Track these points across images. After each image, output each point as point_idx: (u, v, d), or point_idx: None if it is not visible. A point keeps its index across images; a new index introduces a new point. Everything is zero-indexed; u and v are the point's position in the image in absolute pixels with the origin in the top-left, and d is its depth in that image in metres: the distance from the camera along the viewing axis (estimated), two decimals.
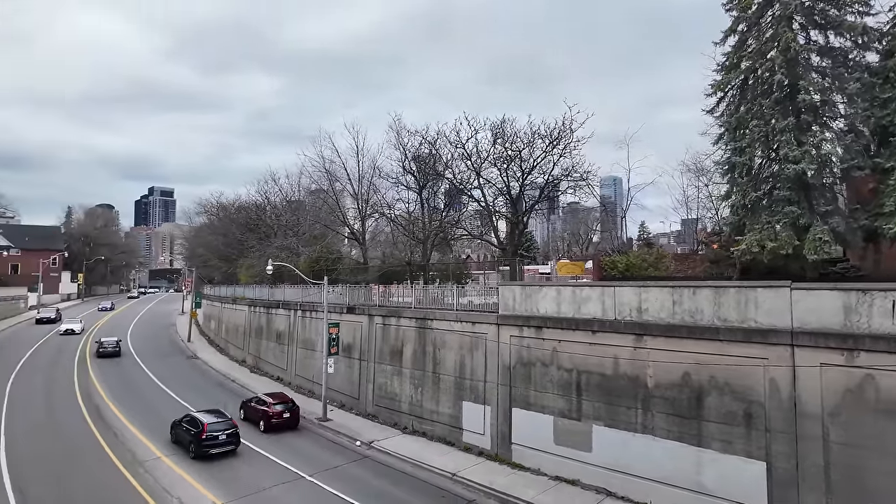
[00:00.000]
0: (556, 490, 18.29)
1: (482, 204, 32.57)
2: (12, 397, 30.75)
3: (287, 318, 37.50)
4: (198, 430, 21.46)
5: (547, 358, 20.06)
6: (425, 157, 34.23)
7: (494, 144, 30.53)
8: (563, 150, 29.31)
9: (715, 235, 26.03)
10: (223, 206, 69.32)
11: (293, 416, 25.63)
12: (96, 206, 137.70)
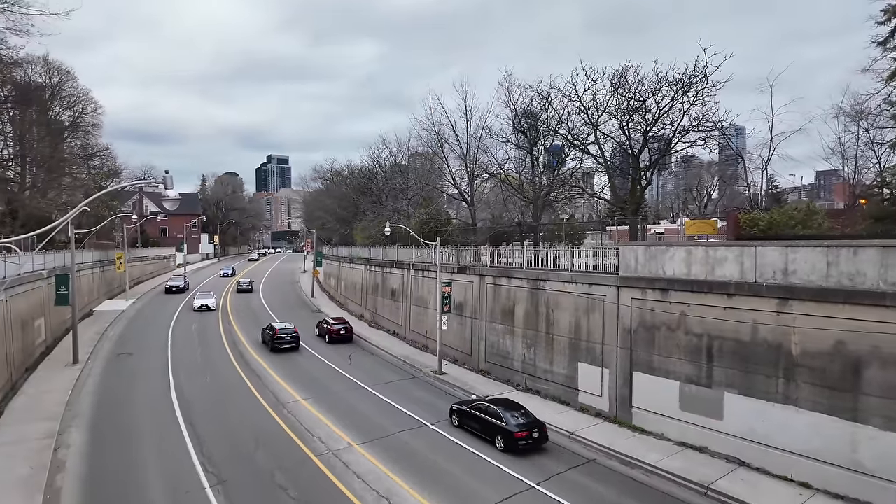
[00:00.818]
0: (683, 456, 17.70)
1: (599, 160, 31.03)
2: (174, 349, 35.52)
3: (400, 276, 39.19)
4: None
5: (673, 322, 19.11)
6: (537, 113, 33.17)
7: (614, 94, 28.60)
8: (694, 97, 26.71)
9: (876, 188, 22.59)
10: (337, 172, 73.16)
11: None
12: (224, 174, 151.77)
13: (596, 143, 30.19)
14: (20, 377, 25.21)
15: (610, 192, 32.57)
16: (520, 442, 17.97)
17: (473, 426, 19.71)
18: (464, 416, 20.32)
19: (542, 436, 18.45)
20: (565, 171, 33.64)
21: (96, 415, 21.41)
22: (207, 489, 15.29)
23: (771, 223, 19.71)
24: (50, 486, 15.16)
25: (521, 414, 18.92)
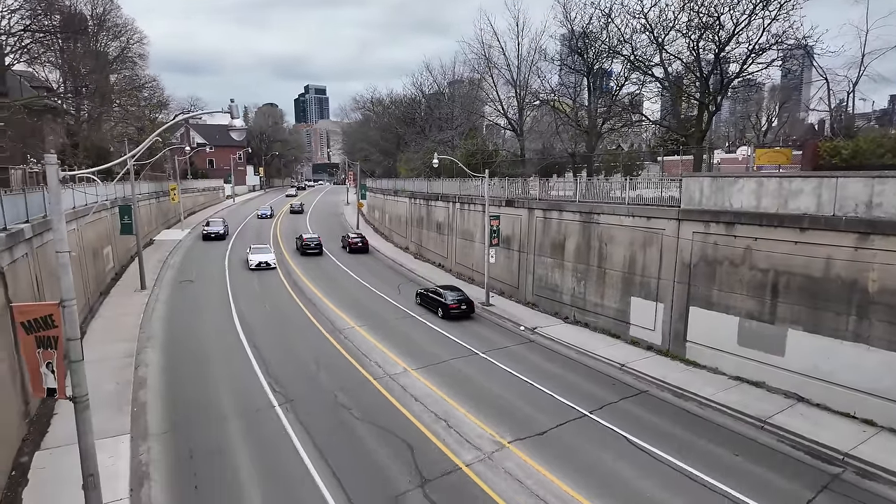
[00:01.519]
0: (739, 390, 17.59)
1: (664, 83, 28.92)
2: (232, 278, 37.02)
3: (445, 210, 39.02)
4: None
5: (738, 257, 18.39)
6: (596, 32, 30.83)
7: (684, 9, 26.06)
8: (776, 10, 24.00)
9: None
10: (378, 101, 71.73)
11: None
12: (264, 105, 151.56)
13: (661, 64, 28.01)
14: (96, 301, 27.00)
15: (674, 119, 30.55)
16: (452, 310, 26.13)
17: (427, 303, 28.16)
18: (422, 297, 28.92)
19: (469, 308, 26.68)
20: (624, 97, 31.64)
21: (168, 337, 22.87)
22: (277, 407, 16.31)
23: (856, 152, 18.17)
24: (135, 401, 16.50)
25: (457, 294, 26.99)
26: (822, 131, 73.16)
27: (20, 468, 12.54)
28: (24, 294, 15.39)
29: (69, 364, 8.91)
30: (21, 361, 14.29)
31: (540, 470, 13.15)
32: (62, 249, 8.53)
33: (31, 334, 8.68)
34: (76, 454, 12.89)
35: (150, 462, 13.19)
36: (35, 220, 17.89)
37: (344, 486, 12.39)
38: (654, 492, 12.27)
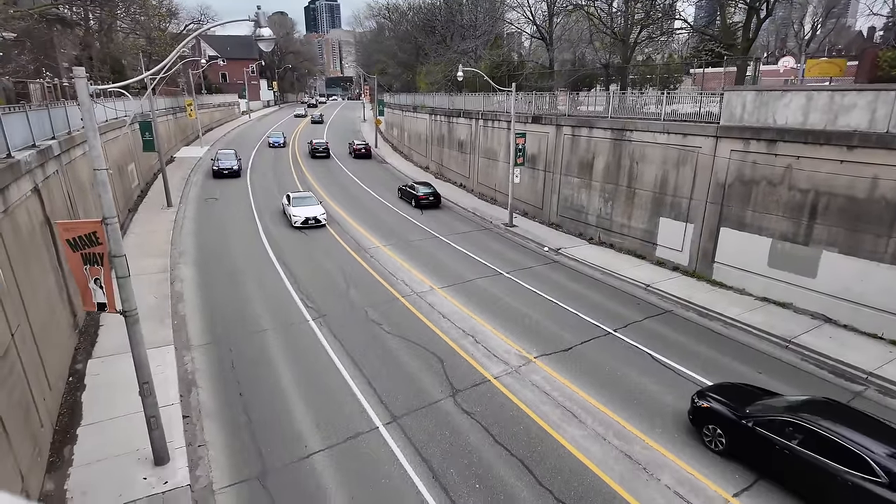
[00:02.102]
0: (764, 311, 17.65)
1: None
2: (255, 195, 37.10)
3: (468, 127, 37.86)
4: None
5: (777, 176, 17.71)
6: None
7: None
8: None
9: None
10: (395, 8, 67.64)
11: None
12: (274, 14, 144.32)
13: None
14: (126, 218, 27.48)
15: (718, 27, 28.26)
16: (421, 201, 32.50)
17: (404, 197, 34.43)
18: (400, 191, 35.27)
19: (437, 200, 33.09)
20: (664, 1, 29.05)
21: (199, 253, 23.40)
22: (310, 321, 16.90)
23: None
24: (175, 314, 17.20)
25: (427, 188, 33.45)
26: (871, 39, 67.62)
27: (76, 374, 13.37)
28: (59, 211, 15.65)
29: (117, 280, 9.15)
30: (66, 275, 14.82)
31: (566, 383, 13.63)
32: (100, 167, 8.47)
33: (77, 252, 8.86)
34: (125, 362, 13.64)
35: (195, 371, 13.95)
36: (61, 137, 17.79)
37: (379, 394, 13.04)
38: (677, 405, 12.70)
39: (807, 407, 10.12)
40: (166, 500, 9.42)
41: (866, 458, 8.46)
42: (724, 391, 11.59)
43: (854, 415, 9.93)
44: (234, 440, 11.26)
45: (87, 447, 10.72)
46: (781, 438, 9.65)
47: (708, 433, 11.07)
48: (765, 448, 9.92)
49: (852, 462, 8.59)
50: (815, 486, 9.21)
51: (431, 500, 9.74)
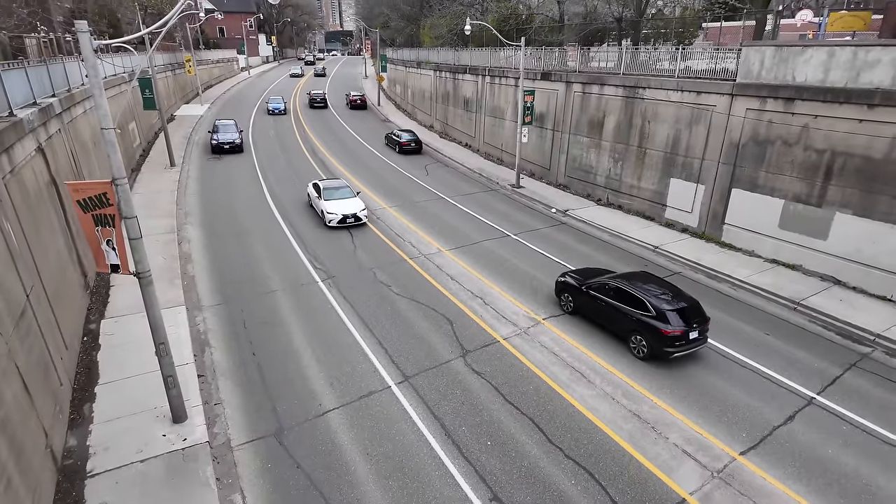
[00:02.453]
0: (774, 272, 17.62)
1: None
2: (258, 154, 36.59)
3: (474, 84, 36.92)
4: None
5: (793, 136, 17.32)
6: None
7: None
8: None
9: None
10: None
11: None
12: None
13: None
14: (129, 178, 27.24)
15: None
16: (404, 147, 35.96)
17: (390, 145, 37.91)
18: (387, 138, 38.94)
19: (418, 146, 36.48)
20: None
21: (204, 214, 23.28)
22: (320, 283, 16.95)
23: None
24: (185, 274, 17.24)
25: (410, 136, 36.68)
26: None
27: (90, 334, 13.53)
28: (64, 170, 15.46)
29: (129, 241, 9.10)
30: (74, 235, 14.79)
31: (574, 344, 13.75)
32: (108, 126, 8.27)
33: (88, 213, 8.76)
34: (138, 322, 13.78)
35: (207, 331, 14.09)
36: (61, 95, 17.39)
37: (390, 354, 13.19)
38: (684, 364, 12.84)
39: (622, 276, 14.48)
40: (186, 456, 9.67)
41: (646, 301, 13.01)
42: (577, 272, 15.94)
43: (655, 280, 14.25)
44: (249, 399, 11.47)
45: (106, 405, 10.94)
46: (603, 296, 14.07)
47: (563, 300, 15.52)
48: (594, 304, 14.35)
49: (639, 305, 13.15)
50: (620, 323, 13.70)
51: (444, 456, 9.98)
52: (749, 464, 9.85)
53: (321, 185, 23.13)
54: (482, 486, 9.35)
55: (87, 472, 9.23)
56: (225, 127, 35.53)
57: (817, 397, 11.77)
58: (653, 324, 12.69)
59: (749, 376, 12.52)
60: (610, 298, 13.87)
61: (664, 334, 12.43)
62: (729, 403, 11.53)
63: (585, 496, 9.16)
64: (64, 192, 14.64)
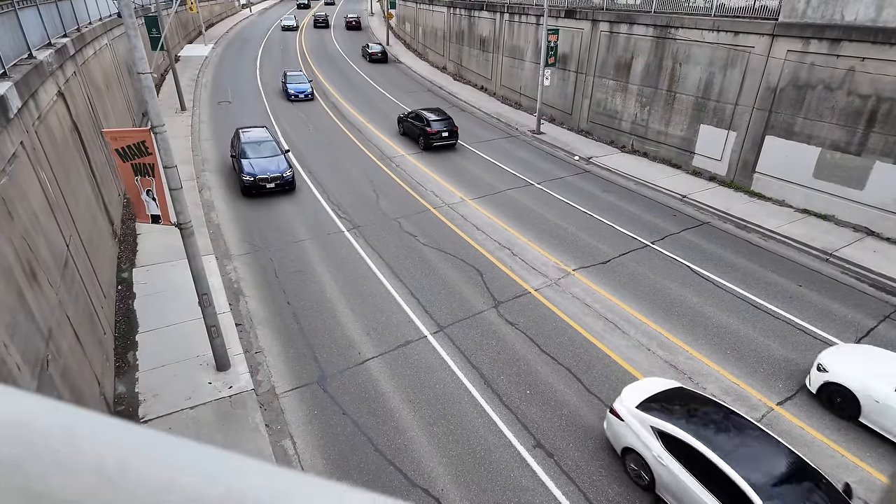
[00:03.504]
0: (805, 223, 17.34)
1: None
2: (269, 98, 35.55)
3: (491, 22, 35.26)
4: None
5: (836, 80, 16.56)
6: None
7: None
8: None
9: None
10: None
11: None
12: None
13: None
14: (140, 122, 26.65)
15: None
16: (372, 57, 45.16)
17: (364, 56, 45.04)
18: (363, 50, 45.37)
19: (384, 57, 44.15)
20: None
21: (222, 160, 22.88)
22: (346, 232, 16.83)
23: None
24: (210, 223, 17.12)
25: (377, 47, 43.59)
26: None
27: (124, 283, 13.59)
28: (84, 116, 15.05)
29: (169, 191, 8.91)
30: (99, 182, 14.59)
31: (606, 295, 13.74)
32: (144, 70, 7.89)
33: (126, 162, 8.53)
34: (170, 270, 13.83)
35: (239, 280, 14.12)
36: (72, 35, 16.67)
37: (423, 304, 13.24)
38: (719, 317, 12.85)
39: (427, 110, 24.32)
40: (234, 403, 9.89)
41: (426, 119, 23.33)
42: (410, 113, 23.28)
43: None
44: (289, 347, 11.61)
45: (149, 353, 11.10)
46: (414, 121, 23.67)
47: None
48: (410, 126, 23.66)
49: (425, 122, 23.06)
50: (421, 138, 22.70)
51: (485, 404, 10.17)
52: (786, 413, 10.01)
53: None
54: (524, 433, 9.57)
55: (140, 417, 9.48)
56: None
57: None
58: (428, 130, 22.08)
59: (783, 327, 12.53)
60: (414, 121, 24.23)
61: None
62: (764, 354, 11.60)
63: None
64: (87, 138, 14.31)
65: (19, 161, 8.17)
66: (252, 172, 18.72)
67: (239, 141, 20.33)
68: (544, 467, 8.91)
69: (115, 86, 22.13)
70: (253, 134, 20.86)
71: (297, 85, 33.10)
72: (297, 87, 32.89)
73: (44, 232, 8.50)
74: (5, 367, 5.58)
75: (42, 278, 7.68)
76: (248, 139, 20.29)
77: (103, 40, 22.05)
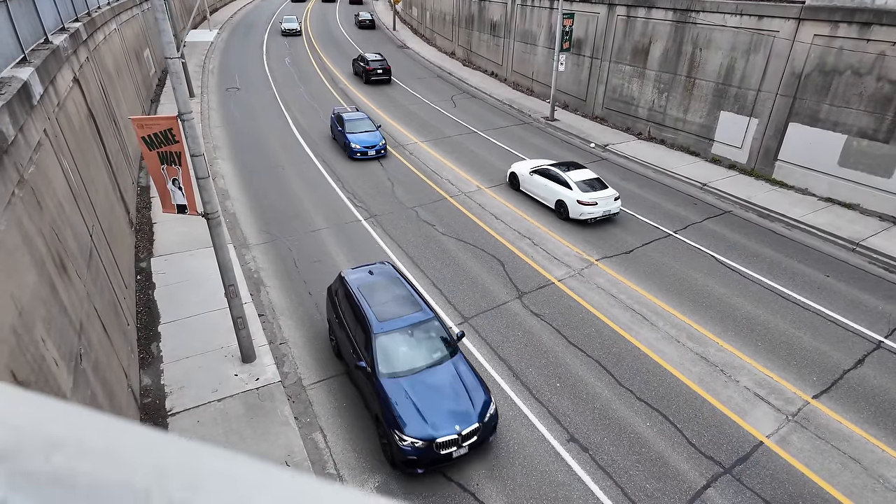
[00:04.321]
0: (829, 212, 17.05)
1: None
2: (277, 85, 35.10)
3: (502, 6, 34.62)
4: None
5: (865, 65, 16.16)
6: None
7: None
8: None
9: None
10: None
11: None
12: None
13: None
14: (150, 110, 26.32)
15: None
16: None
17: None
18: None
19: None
20: None
21: (233, 147, 22.60)
22: (363, 221, 16.60)
23: None
24: (225, 211, 16.88)
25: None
26: None
27: (143, 273, 13.41)
28: (98, 103, 14.76)
29: (196, 180, 8.68)
30: (115, 170, 14.35)
31: (631, 286, 13.53)
32: (172, 55, 7.61)
33: (153, 150, 8.29)
34: (187, 260, 13.66)
35: (258, 270, 13.93)
36: (83, 19, 16.31)
37: (445, 294, 13.05)
38: (747, 308, 12.64)
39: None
40: (262, 395, 9.75)
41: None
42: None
43: None
44: (314, 338, 11.45)
45: (172, 344, 10.96)
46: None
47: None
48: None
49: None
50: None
51: (515, 397, 10.02)
52: (823, 407, 9.84)
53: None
54: (557, 426, 9.42)
55: (167, 410, 9.35)
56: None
57: (885, 341, 11.61)
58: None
59: (813, 319, 12.32)
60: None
61: None
62: (795, 346, 11.41)
63: (662, 437, 9.22)
64: (101, 125, 14.04)
65: (44, 149, 7.94)
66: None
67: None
68: (580, 461, 8.77)
69: (124, 72, 21.76)
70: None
71: (363, 136, 21.67)
72: (363, 140, 21.46)
73: (69, 222, 8.30)
74: (45, 364, 5.42)
75: (71, 270, 7.49)
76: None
77: (112, 25, 21.63)
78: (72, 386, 6.07)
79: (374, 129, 21.96)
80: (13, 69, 8.08)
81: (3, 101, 6.41)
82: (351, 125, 21.77)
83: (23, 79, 7.59)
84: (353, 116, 22.32)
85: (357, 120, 22.12)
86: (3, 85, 7.08)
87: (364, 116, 22.53)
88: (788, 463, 8.75)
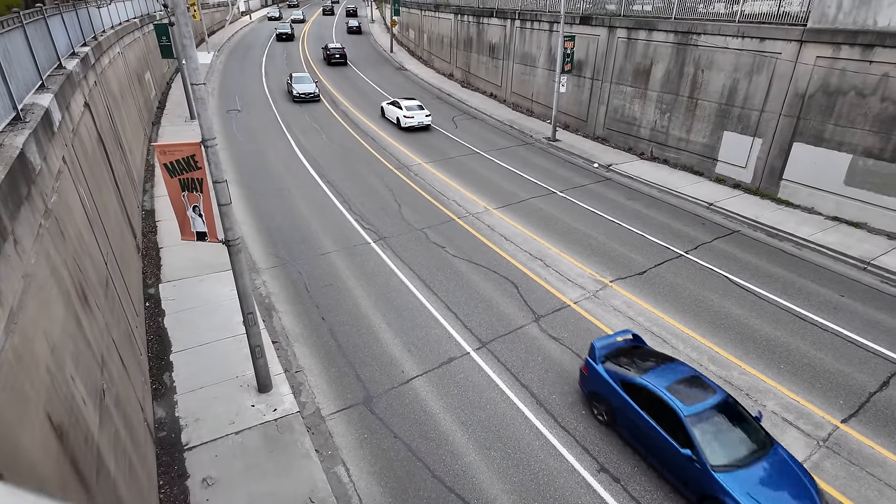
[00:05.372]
0: (837, 231, 17.10)
1: None
2: (278, 106, 35.15)
3: (502, 28, 35.07)
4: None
5: (869, 86, 16.37)
6: None
7: None
8: None
9: None
10: None
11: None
12: None
13: None
14: (151, 132, 26.20)
15: None
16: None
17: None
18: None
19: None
20: None
21: (237, 169, 22.47)
22: (372, 244, 16.43)
23: None
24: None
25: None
26: None
27: (151, 299, 13.12)
28: (105, 127, 14.62)
29: (218, 207, 8.51)
30: (122, 195, 14.15)
31: (648, 307, 13.40)
32: (198, 81, 7.51)
33: (174, 177, 8.13)
34: (196, 286, 13.42)
35: (269, 294, 13.69)
36: (91, 44, 16.27)
37: (461, 319, 12.85)
38: (766, 329, 12.53)
39: None
40: (280, 427, 9.45)
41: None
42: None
43: None
44: (329, 366, 11.19)
45: (186, 374, 10.65)
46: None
47: None
48: None
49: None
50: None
51: (541, 426, 9.78)
52: (853, 432, 9.68)
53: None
54: (586, 456, 9.18)
55: (183, 444, 9.02)
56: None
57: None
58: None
59: (833, 340, 12.22)
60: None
61: None
62: (819, 369, 11.28)
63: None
64: (109, 149, 13.88)
65: (63, 177, 7.77)
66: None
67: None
68: (612, 493, 8.52)
69: (128, 95, 21.69)
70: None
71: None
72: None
73: (88, 251, 8.08)
74: (75, 404, 5.16)
75: (92, 300, 7.26)
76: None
77: (116, 48, 21.64)
78: (98, 425, 5.80)
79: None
80: (34, 95, 7.94)
81: (30, 129, 6.26)
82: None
83: (44, 105, 7.46)
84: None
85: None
86: (27, 112, 6.93)
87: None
88: (825, 491, 8.55)
